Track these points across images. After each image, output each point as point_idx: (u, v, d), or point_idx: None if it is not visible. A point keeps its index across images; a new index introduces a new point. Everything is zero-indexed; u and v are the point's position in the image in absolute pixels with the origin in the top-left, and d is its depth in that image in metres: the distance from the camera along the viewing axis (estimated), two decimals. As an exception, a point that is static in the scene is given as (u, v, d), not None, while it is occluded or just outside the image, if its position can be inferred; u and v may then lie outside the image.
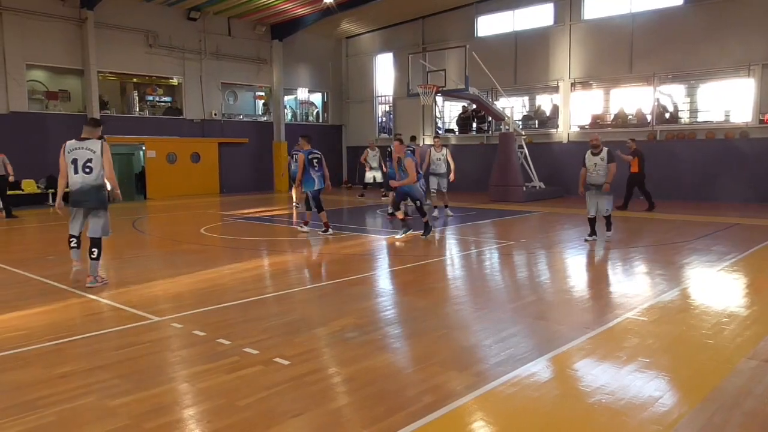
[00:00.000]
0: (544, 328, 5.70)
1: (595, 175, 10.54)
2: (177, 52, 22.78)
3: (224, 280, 7.99)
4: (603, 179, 10.40)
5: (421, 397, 4.01)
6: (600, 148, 10.54)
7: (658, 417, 3.71)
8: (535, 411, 3.86)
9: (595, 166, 10.54)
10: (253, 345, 5.10)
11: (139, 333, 5.58)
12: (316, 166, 11.93)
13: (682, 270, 8.44)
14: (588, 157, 10.65)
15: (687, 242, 10.73)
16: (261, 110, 27.01)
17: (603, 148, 10.57)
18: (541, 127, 22.65)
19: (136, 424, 3.66)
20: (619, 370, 4.50)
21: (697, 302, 6.79)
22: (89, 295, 7.01)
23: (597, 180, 10.50)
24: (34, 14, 19.22)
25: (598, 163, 10.50)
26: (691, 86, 19.63)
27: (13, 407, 3.92)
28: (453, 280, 8.26)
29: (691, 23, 18.74)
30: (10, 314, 6.22)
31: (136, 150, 22.96)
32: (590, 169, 10.58)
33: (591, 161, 10.60)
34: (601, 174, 10.43)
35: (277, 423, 3.68)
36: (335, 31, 27.21)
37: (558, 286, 7.74)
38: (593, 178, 10.56)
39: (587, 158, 10.65)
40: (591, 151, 10.63)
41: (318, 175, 11.93)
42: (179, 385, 4.35)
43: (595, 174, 10.53)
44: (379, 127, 28.15)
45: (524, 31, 22.55)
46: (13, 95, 19.04)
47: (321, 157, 12.10)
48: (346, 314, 6.23)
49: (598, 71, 20.95)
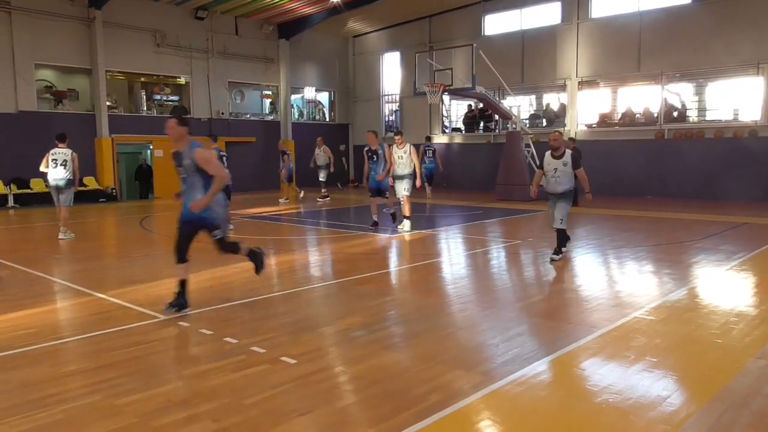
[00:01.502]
0: (551, 328, 5.68)
1: (553, 182, 8.76)
2: (184, 52, 22.83)
3: (231, 278, 8.00)
4: (563, 187, 8.70)
5: (427, 396, 4.00)
6: (561, 150, 8.74)
7: (665, 417, 3.69)
8: (541, 410, 3.85)
9: (554, 171, 8.72)
10: (259, 344, 5.10)
11: (146, 332, 5.60)
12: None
13: (690, 269, 8.40)
14: (547, 160, 8.86)
15: (695, 241, 10.67)
16: (268, 109, 27.05)
17: (566, 150, 8.80)
18: (549, 126, 22.58)
19: (143, 423, 3.67)
20: (626, 370, 4.48)
21: (705, 301, 6.75)
22: (97, 294, 7.03)
23: (555, 188, 8.75)
24: (42, 14, 19.31)
25: (559, 168, 8.68)
26: (699, 85, 19.51)
27: (21, 405, 3.94)
28: (459, 279, 8.25)
29: (699, 21, 18.62)
30: (19, 312, 6.25)
31: (143, 149, 23.02)
32: (549, 173, 8.81)
33: (550, 165, 8.79)
34: (562, 181, 8.68)
35: (284, 422, 3.69)
36: (342, 30, 27.21)
37: (565, 285, 7.72)
38: (551, 185, 8.79)
39: (546, 161, 8.88)
40: (551, 152, 8.83)
41: None
42: (186, 384, 4.35)
43: (554, 181, 8.74)
44: (386, 126, 28.13)
45: (531, 29, 22.47)
46: (22, 94, 19.13)
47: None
48: (352, 313, 6.23)
49: (606, 70, 20.86)
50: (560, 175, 8.69)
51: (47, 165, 11.23)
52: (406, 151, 12.09)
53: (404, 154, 12.11)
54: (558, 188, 8.73)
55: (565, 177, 8.70)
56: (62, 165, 11.19)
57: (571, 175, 8.73)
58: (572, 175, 8.73)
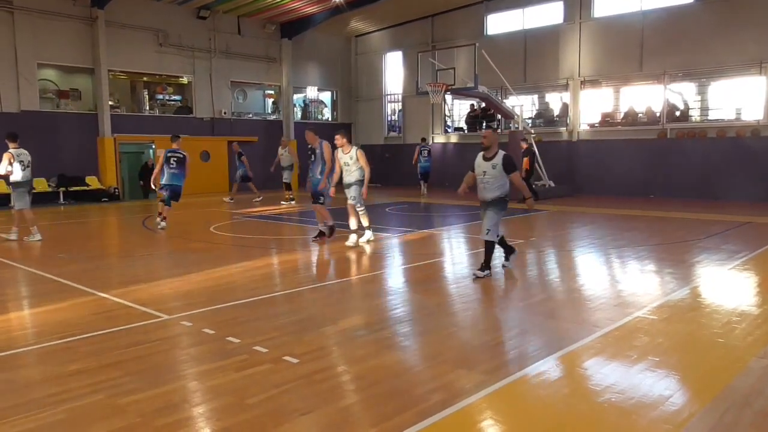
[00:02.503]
0: (554, 327, 5.68)
1: (481, 187, 7.65)
2: (187, 51, 22.85)
3: (234, 278, 8.01)
4: (494, 193, 7.54)
5: (430, 396, 4.01)
6: (493, 151, 7.58)
7: (668, 416, 3.69)
8: (544, 409, 3.85)
9: (483, 174, 7.58)
10: (262, 343, 5.11)
11: (149, 331, 5.61)
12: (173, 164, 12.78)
13: (693, 268, 8.39)
14: (477, 162, 7.72)
15: (697, 240, 10.65)
16: (270, 109, 27.07)
17: (498, 151, 7.60)
18: (547, 126, 22.58)
19: (146, 422, 3.68)
20: (629, 369, 4.47)
21: (707, 301, 6.74)
22: (100, 293, 7.04)
23: (484, 194, 7.66)
24: (45, 14, 19.34)
25: (488, 171, 7.53)
26: (701, 84, 19.48)
27: (24, 404, 3.95)
28: (462, 278, 8.24)
29: (701, 21, 18.59)
30: (22, 312, 6.27)
31: (145, 148, 23.04)
32: (479, 176, 7.68)
33: (480, 167, 7.64)
34: (491, 186, 7.54)
35: (286, 421, 3.69)
36: (344, 30, 27.21)
37: (567, 284, 7.71)
38: (480, 190, 7.71)
39: (476, 162, 7.74)
40: (482, 153, 7.70)
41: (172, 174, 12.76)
42: (189, 383, 4.37)
43: (482, 186, 7.64)
44: (389, 126, 28.14)
45: (534, 29, 22.46)
46: (25, 94, 19.17)
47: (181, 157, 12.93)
48: (354, 312, 6.24)
49: (608, 69, 20.83)
50: (489, 180, 7.54)
51: (11, 165, 10.72)
52: (353, 156, 10.14)
53: (350, 159, 10.17)
54: (487, 195, 7.61)
55: (495, 182, 7.53)
56: (29, 166, 10.93)
57: (504, 180, 7.57)
58: (505, 180, 7.59)
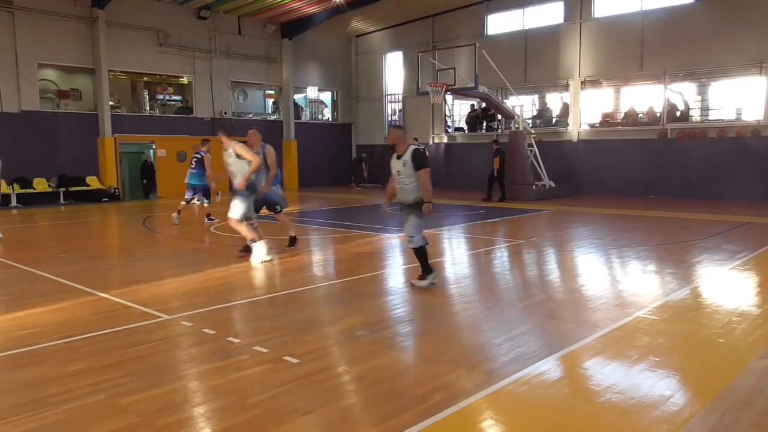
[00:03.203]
0: (554, 327, 5.68)
1: (399, 189, 7.12)
2: (187, 51, 22.86)
3: (234, 278, 8.01)
4: (413, 195, 6.96)
5: (430, 396, 4.01)
6: (403, 148, 7.03)
7: (668, 416, 3.69)
8: (544, 410, 3.85)
9: (398, 174, 7.05)
10: (262, 343, 5.11)
11: (150, 331, 5.61)
12: None
13: (693, 268, 8.38)
14: (392, 162, 7.16)
15: (698, 241, 10.65)
16: (271, 109, 27.06)
17: (408, 147, 7.04)
18: (547, 126, 22.58)
19: (147, 422, 3.68)
20: (629, 369, 4.47)
21: (708, 301, 6.74)
22: (100, 293, 7.05)
23: (403, 196, 7.10)
24: (45, 14, 19.35)
25: (401, 170, 6.98)
26: (702, 84, 19.48)
27: (24, 404, 3.95)
28: (462, 278, 8.25)
29: (702, 21, 18.59)
30: (23, 312, 6.27)
31: (146, 149, 23.05)
32: (395, 177, 7.16)
33: (394, 167, 7.13)
34: (408, 187, 6.97)
35: (287, 421, 3.69)
36: (345, 30, 27.22)
37: (568, 284, 7.71)
38: (400, 192, 7.14)
39: (391, 163, 7.18)
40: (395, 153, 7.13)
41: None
42: (189, 383, 4.37)
43: (399, 187, 7.10)
44: (389, 126, 28.14)
45: (534, 29, 22.47)
46: (25, 94, 19.17)
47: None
48: (355, 312, 6.24)
49: (609, 69, 20.83)
50: (404, 180, 6.98)
51: None
52: (231, 154, 8.83)
53: (230, 158, 8.86)
54: (407, 197, 7.04)
55: (410, 181, 6.94)
56: None
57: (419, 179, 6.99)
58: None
